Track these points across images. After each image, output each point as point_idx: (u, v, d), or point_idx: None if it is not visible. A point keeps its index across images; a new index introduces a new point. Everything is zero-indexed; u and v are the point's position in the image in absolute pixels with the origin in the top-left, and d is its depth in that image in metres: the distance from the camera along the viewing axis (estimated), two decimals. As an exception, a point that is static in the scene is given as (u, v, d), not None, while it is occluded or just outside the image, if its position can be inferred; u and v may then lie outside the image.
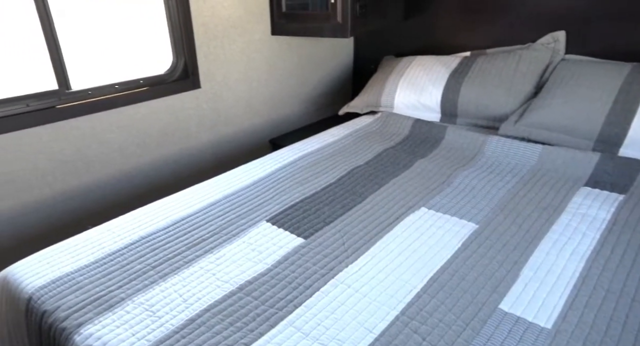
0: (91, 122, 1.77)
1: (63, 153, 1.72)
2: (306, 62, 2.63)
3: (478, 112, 2.07)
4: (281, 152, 1.92)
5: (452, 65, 2.22)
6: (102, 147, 1.84)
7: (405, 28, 2.60)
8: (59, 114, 1.66)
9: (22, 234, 1.70)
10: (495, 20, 2.26)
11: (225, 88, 2.23)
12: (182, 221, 1.39)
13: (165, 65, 2.02)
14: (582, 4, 1.98)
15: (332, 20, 2.20)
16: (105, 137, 1.84)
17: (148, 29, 2.01)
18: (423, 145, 1.95)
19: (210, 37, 2.07)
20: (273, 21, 2.33)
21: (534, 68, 2.03)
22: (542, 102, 1.85)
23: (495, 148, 1.82)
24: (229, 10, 2.11)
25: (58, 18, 1.58)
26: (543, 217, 1.38)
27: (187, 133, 2.14)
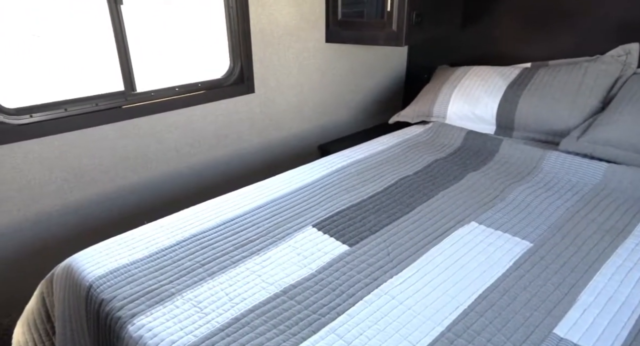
0: (151, 122, 1.86)
1: (125, 150, 1.82)
2: (358, 69, 2.63)
3: (537, 125, 1.98)
4: (329, 158, 1.93)
5: (511, 77, 2.14)
6: (160, 146, 1.93)
7: (461, 37, 2.54)
8: (124, 114, 1.76)
9: (86, 225, 1.81)
10: (559, 30, 2.16)
11: (277, 93, 2.27)
12: (231, 221, 1.43)
13: (220, 70, 2.09)
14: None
15: (387, 29, 2.19)
16: (163, 136, 1.92)
17: (206, 35, 2.09)
18: (475, 158, 1.89)
19: (267, 43, 2.12)
20: (328, 29, 2.36)
21: (602, 82, 1.92)
22: (610, 118, 1.74)
23: (554, 164, 1.73)
24: (286, 18, 2.15)
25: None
26: (606, 240, 1.29)
27: (239, 136, 2.20)
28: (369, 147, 2.03)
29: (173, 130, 1.95)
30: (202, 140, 2.07)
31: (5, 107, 1.51)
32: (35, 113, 1.58)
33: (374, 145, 2.05)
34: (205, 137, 2.07)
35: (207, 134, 2.07)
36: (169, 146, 1.96)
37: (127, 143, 1.82)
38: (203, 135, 2.06)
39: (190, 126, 2.00)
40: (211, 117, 2.06)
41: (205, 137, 2.07)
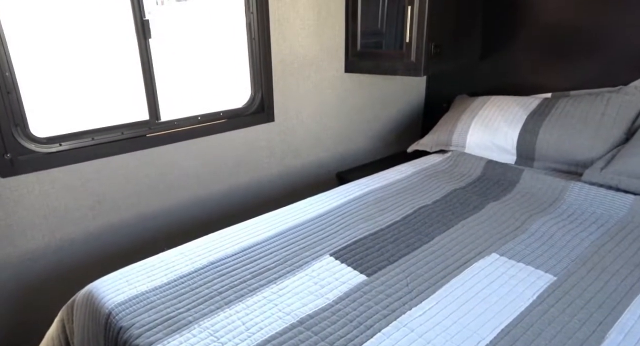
0: (174, 150, 1.91)
1: (148, 177, 1.87)
2: (377, 98, 2.66)
3: (558, 156, 1.96)
4: (347, 186, 1.93)
5: (531, 107, 2.14)
6: (181, 173, 1.97)
7: (480, 67, 2.56)
8: (148, 142, 1.82)
9: (108, 251, 1.84)
10: (580, 60, 2.16)
11: (297, 122, 2.31)
12: (249, 249, 1.43)
13: (241, 99, 2.15)
14: None
15: (405, 59, 2.23)
16: (185, 164, 1.97)
17: (228, 65, 2.16)
18: (496, 188, 1.87)
19: (287, 73, 2.18)
20: (347, 59, 2.41)
21: (625, 112, 1.90)
22: (635, 149, 1.71)
23: (577, 196, 1.70)
24: (306, 49, 2.21)
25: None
26: (634, 275, 1.25)
27: (258, 164, 2.23)
28: (387, 176, 2.03)
29: (195, 157, 1.99)
30: (222, 168, 2.10)
31: (37, 137, 1.58)
32: (65, 142, 1.64)
33: (392, 174, 2.05)
34: (225, 164, 2.11)
35: (227, 162, 2.11)
36: (190, 173, 2.00)
37: (150, 171, 1.87)
38: (223, 163, 2.10)
39: (211, 154, 2.04)
40: (232, 145, 2.10)
41: (225, 165, 2.11)
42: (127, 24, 1.67)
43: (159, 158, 1.88)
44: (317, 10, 2.18)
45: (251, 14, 1.98)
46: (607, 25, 2.04)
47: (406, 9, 2.14)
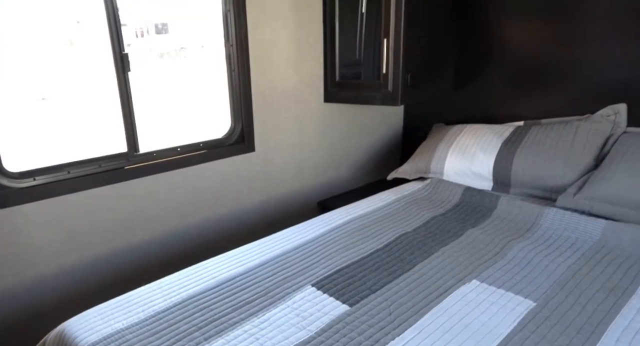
0: (153, 182, 1.89)
1: (125, 211, 1.84)
2: (356, 127, 2.71)
3: (533, 182, 2.01)
4: (329, 214, 1.93)
5: (505, 135, 2.21)
6: (160, 206, 1.94)
7: (455, 96, 2.64)
8: (126, 175, 1.80)
9: (82, 288, 1.78)
10: (549, 90, 2.25)
11: (277, 152, 2.33)
12: (230, 281, 1.41)
13: (221, 129, 2.16)
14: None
15: (383, 90, 2.29)
16: (164, 196, 1.94)
17: (207, 96, 2.18)
18: (474, 214, 1.90)
19: (267, 103, 2.20)
20: (326, 89, 2.46)
21: (594, 140, 1.98)
22: (604, 175, 1.78)
23: (552, 221, 1.74)
24: (286, 79, 2.26)
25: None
26: (610, 300, 1.27)
27: (238, 194, 2.22)
28: (368, 203, 2.05)
29: (174, 189, 1.97)
30: (202, 199, 2.09)
31: (8, 171, 1.54)
32: (39, 176, 1.60)
33: (373, 202, 2.07)
34: (205, 195, 2.09)
35: (207, 193, 2.10)
36: (169, 206, 1.97)
37: (127, 204, 1.84)
38: (203, 194, 2.08)
39: (190, 185, 2.02)
40: (212, 176, 2.09)
41: (205, 196, 2.09)
42: (105, 57, 1.68)
43: (137, 191, 1.86)
44: (296, 42, 2.24)
45: (231, 47, 2.02)
46: (573, 59, 2.14)
47: (382, 41, 2.21)
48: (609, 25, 2.01)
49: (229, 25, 1.98)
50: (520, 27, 2.29)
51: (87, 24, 3.06)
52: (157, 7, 10.57)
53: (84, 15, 3.06)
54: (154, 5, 10.64)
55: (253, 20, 2.02)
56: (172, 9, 2.96)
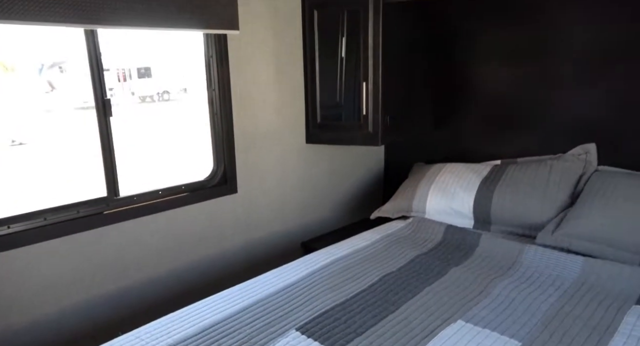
0: (133, 227, 1.86)
1: (104, 257, 1.79)
2: (338, 168, 2.74)
3: (512, 219, 2.05)
4: (313, 255, 1.92)
5: (483, 173, 2.26)
6: (140, 250, 1.90)
7: (435, 136, 2.72)
8: (106, 220, 1.77)
9: (56, 340, 1.70)
10: (524, 130, 2.34)
11: (260, 193, 2.33)
12: (212, 328, 1.37)
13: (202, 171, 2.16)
14: (612, 117, 2.06)
15: (363, 130, 2.35)
16: (145, 240, 1.91)
17: (189, 139, 2.19)
18: (457, 252, 1.91)
19: (249, 145, 2.23)
20: (308, 131, 2.50)
21: (567, 178, 2.04)
22: (580, 212, 1.83)
23: (533, 258, 1.76)
24: (268, 122, 2.29)
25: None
26: (593, 338, 1.27)
27: (221, 236, 2.19)
28: (352, 244, 2.04)
29: (155, 233, 1.94)
30: (184, 243, 2.05)
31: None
32: (14, 223, 1.56)
33: (357, 241, 2.07)
34: (187, 239, 2.06)
35: (189, 236, 2.07)
36: (150, 250, 1.93)
37: (107, 250, 1.79)
38: (185, 238, 2.05)
39: (172, 229, 2.00)
40: (194, 219, 2.07)
41: (187, 239, 2.06)
42: (86, 102, 1.69)
43: (117, 236, 1.82)
44: (278, 85, 2.30)
45: (213, 91, 2.06)
46: (545, 100, 2.25)
47: (362, 84, 2.29)
48: (577, 69, 2.13)
49: (211, 70, 2.03)
50: (494, 69, 2.40)
51: (69, 68, 3.09)
52: (140, 52, 10.75)
53: (66, 60, 3.09)
54: (137, 50, 10.83)
55: (235, 65, 2.07)
56: (156, 54, 3.05)
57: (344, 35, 2.33)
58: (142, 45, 11.24)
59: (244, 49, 2.10)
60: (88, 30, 1.63)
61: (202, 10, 1.82)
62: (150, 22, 1.68)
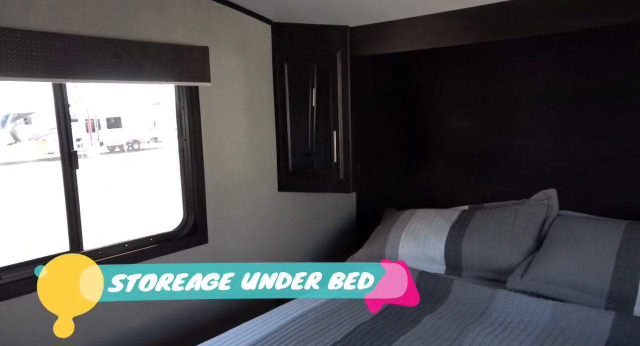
0: (97, 280, 1.78)
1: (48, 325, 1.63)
2: (311, 215, 2.74)
3: (482, 264, 2.08)
4: (286, 306, 1.88)
5: (453, 218, 2.31)
6: (101, 309, 1.76)
7: (405, 182, 2.77)
8: (67, 274, 1.69)
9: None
10: (489, 176, 2.43)
11: (232, 242, 2.29)
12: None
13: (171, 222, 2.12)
14: (569, 164, 2.17)
15: (335, 178, 2.38)
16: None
17: (161, 189, 2.16)
18: (430, 299, 1.90)
19: (221, 194, 2.21)
20: (280, 179, 2.51)
21: (532, 222, 2.11)
22: (546, 257, 1.88)
23: (504, 303, 1.77)
24: (240, 171, 2.30)
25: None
26: (567, 385, 1.27)
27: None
28: (309, 301, 2.00)
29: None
30: (131, 305, 1.94)
31: None
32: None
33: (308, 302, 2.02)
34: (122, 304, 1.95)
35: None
36: (113, 307, 1.83)
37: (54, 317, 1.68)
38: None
39: (138, 281, 1.92)
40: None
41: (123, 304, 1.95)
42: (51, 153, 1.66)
43: (79, 291, 1.73)
44: (250, 135, 2.33)
45: (184, 141, 2.06)
46: (508, 147, 2.36)
47: (332, 132, 2.35)
48: (534, 117, 2.26)
49: (182, 120, 2.05)
50: (460, 118, 2.52)
51: (35, 120, 3.05)
52: (110, 102, 10.71)
53: (32, 111, 3.05)
54: (107, 100, 10.79)
55: (207, 116, 2.10)
56: (126, 104, 3.03)
57: (314, 86, 2.42)
58: (112, 95, 11.29)
59: (216, 99, 2.14)
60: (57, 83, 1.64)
61: (174, 63, 1.87)
62: (121, 76, 1.71)
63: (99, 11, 1.69)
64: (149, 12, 1.84)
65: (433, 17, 1.98)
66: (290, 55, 2.36)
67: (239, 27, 2.20)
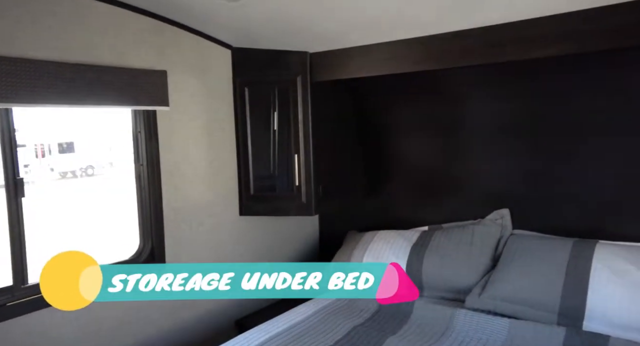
0: (41, 318, 1.66)
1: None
2: (273, 239, 2.71)
3: (442, 284, 2.11)
4: (247, 334, 1.83)
5: (413, 239, 2.35)
6: (50, 344, 1.68)
7: (367, 204, 2.80)
8: (9, 312, 1.58)
9: None
10: (447, 197, 2.50)
11: (191, 269, 2.22)
12: None
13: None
14: (520, 185, 2.27)
15: (297, 201, 2.37)
16: (56, 332, 1.71)
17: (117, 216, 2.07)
18: (392, 321, 1.91)
19: (180, 220, 2.15)
20: (241, 203, 2.47)
21: (488, 242, 2.18)
22: (501, 275, 1.94)
23: (464, 323, 1.80)
24: (200, 196, 2.25)
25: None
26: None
27: (147, 320, 2.03)
28: (288, 318, 1.98)
29: (68, 323, 1.74)
30: (102, 331, 1.86)
31: None
32: None
33: (293, 316, 2.00)
34: (107, 326, 1.88)
35: (109, 323, 1.89)
36: (62, 343, 1.72)
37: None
38: (105, 325, 1.87)
39: (90, 316, 1.81)
40: (114, 302, 1.90)
41: (107, 327, 1.88)
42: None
43: (23, 330, 1.61)
44: (210, 159, 2.29)
45: (141, 166, 2.01)
46: (464, 170, 2.44)
47: (294, 156, 2.36)
48: (489, 142, 2.36)
49: (139, 145, 2.00)
50: (417, 142, 2.60)
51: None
52: (62, 126, 10.17)
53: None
54: (59, 124, 10.23)
55: (165, 140, 2.06)
56: (80, 128, 2.86)
57: (276, 110, 2.43)
58: (64, 119, 10.82)
59: (175, 124, 2.10)
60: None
61: (130, 87, 1.83)
62: (73, 100, 1.66)
63: (49, 33, 1.64)
64: (104, 35, 1.80)
65: (390, 44, 2.05)
66: (251, 79, 2.37)
67: (198, 52, 2.19)
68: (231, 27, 2.14)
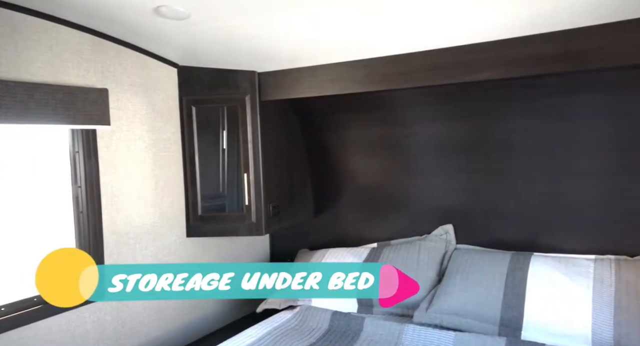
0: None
1: None
2: (223, 259, 2.63)
3: (391, 300, 2.14)
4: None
5: (363, 256, 2.37)
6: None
7: (316, 222, 2.81)
8: None
9: None
10: (394, 214, 2.56)
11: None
12: None
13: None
14: (463, 202, 2.36)
15: (247, 220, 2.34)
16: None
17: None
18: (343, 340, 1.91)
19: (122, 244, 2.06)
20: (189, 224, 2.40)
21: (434, 257, 2.24)
22: (445, 289, 1.99)
23: (412, 338, 1.83)
24: (144, 218, 2.16)
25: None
26: None
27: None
28: (238, 342, 1.93)
29: None
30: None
31: None
32: None
33: (242, 339, 1.96)
34: None
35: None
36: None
37: None
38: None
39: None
40: (48, 336, 1.76)
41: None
42: None
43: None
44: (154, 180, 2.22)
45: (79, 188, 1.91)
46: (408, 187, 2.52)
47: (243, 175, 2.33)
48: (433, 161, 2.45)
49: (77, 166, 1.90)
50: (363, 160, 2.65)
51: None
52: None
53: None
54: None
55: (106, 161, 1.97)
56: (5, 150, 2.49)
57: (225, 129, 2.40)
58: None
59: (117, 143, 2.03)
60: None
61: (66, 105, 1.75)
62: (2, 118, 1.55)
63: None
64: (39, 51, 1.72)
65: (337, 65, 2.10)
66: (198, 98, 2.34)
67: (142, 70, 2.14)
68: (177, 45, 2.11)
